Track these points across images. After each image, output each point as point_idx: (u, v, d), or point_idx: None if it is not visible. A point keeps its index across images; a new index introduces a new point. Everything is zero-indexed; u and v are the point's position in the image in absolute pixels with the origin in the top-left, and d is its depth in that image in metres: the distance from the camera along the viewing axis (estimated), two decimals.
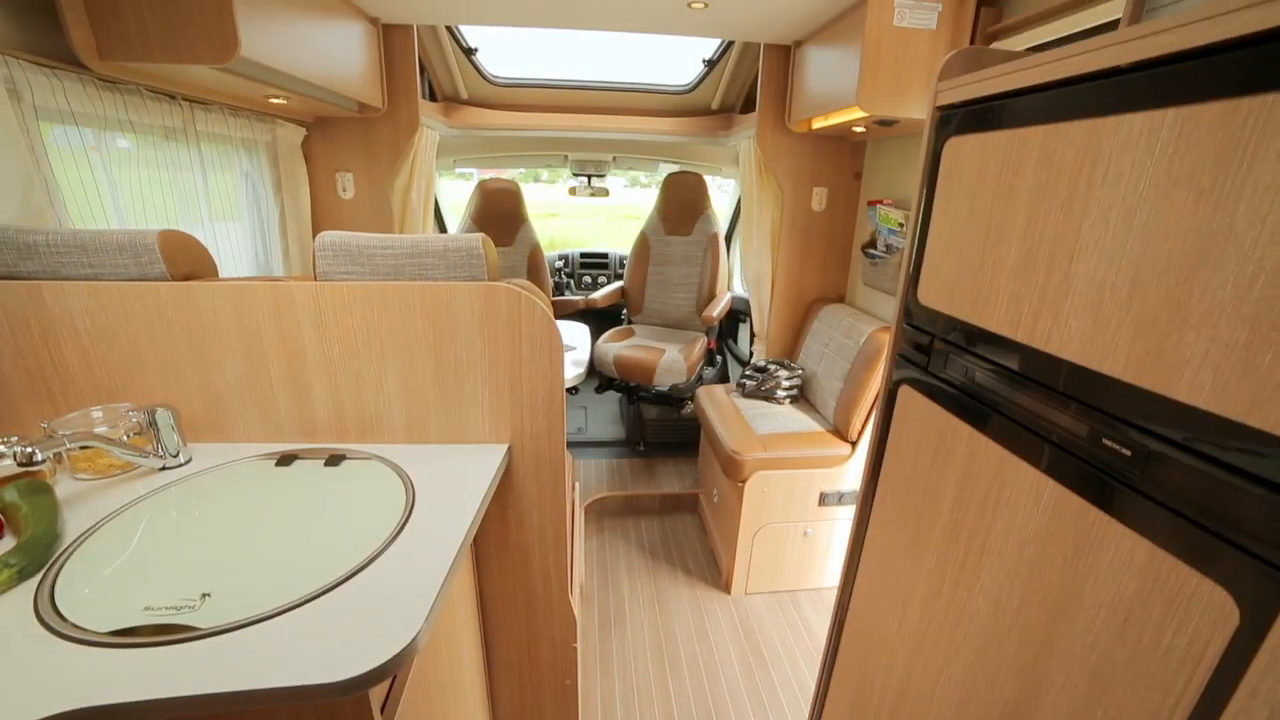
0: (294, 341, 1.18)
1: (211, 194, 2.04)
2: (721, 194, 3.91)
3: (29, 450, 0.90)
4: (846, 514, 2.37)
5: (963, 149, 0.89)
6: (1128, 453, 0.62)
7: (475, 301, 1.13)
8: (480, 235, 1.16)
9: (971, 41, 1.95)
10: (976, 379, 0.86)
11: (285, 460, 1.16)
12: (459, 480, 1.11)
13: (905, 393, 1.05)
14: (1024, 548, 0.77)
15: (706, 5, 2.08)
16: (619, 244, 4.24)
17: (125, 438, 1.14)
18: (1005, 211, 0.80)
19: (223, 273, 2.08)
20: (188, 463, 1.17)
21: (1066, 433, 0.70)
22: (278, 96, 1.99)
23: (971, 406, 0.88)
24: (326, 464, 1.15)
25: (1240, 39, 0.52)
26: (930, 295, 0.98)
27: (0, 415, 1.21)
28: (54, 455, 0.97)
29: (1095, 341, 0.66)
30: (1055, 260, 0.72)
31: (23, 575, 0.83)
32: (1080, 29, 1.62)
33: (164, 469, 1.14)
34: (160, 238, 1.15)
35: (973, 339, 0.87)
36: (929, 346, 0.98)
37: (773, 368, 2.64)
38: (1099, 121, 0.66)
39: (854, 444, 2.28)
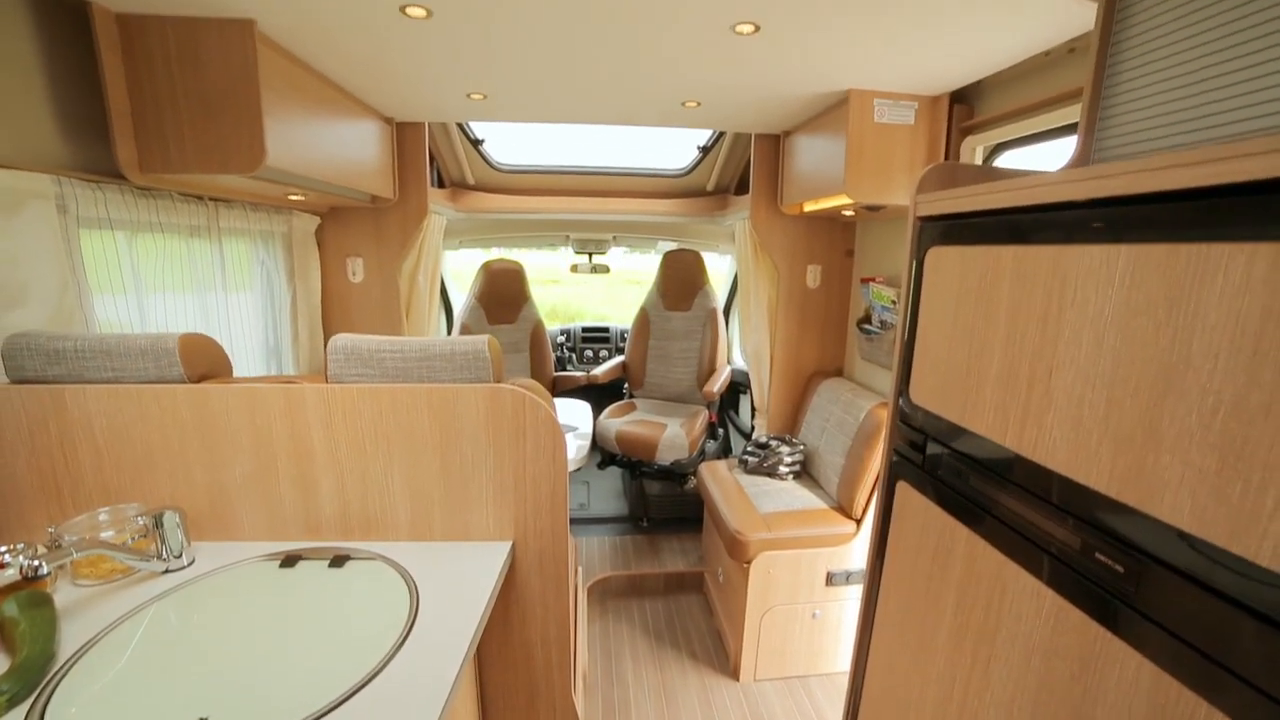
0: (303, 441, 1.20)
1: (229, 282, 2.13)
2: (719, 259, 4.03)
3: (35, 564, 0.91)
4: (855, 594, 2.32)
5: (944, 259, 0.95)
6: (1120, 569, 0.63)
7: (480, 402, 1.17)
8: (486, 338, 1.21)
9: (948, 134, 2.08)
10: (971, 482, 0.88)
11: (289, 561, 1.17)
12: (463, 582, 1.11)
13: (903, 489, 1.07)
14: (1030, 658, 0.77)
15: (700, 104, 2.23)
16: (619, 308, 4.34)
17: (131, 540, 1.15)
18: (986, 322, 0.85)
19: (233, 352, 2.14)
20: (191, 564, 1.17)
21: (1061, 543, 0.72)
22: (296, 194, 2.10)
23: (968, 508, 0.89)
24: (330, 565, 1.16)
25: (1176, 191, 0.58)
26: (921, 395, 1.01)
27: (8, 516, 1.22)
28: (58, 566, 0.98)
29: (1079, 454, 0.69)
30: (1035, 374, 0.75)
31: (13, 701, 0.82)
32: (1043, 129, 1.73)
33: (167, 572, 1.15)
34: (180, 342, 1.20)
35: (965, 442, 0.90)
36: (923, 445, 1.01)
37: (774, 443, 2.65)
38: (1063, 249, 0.71)
39: (859, 521, 2.26)
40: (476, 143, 3.06)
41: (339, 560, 1.17)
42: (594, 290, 10.03)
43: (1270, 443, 0.50)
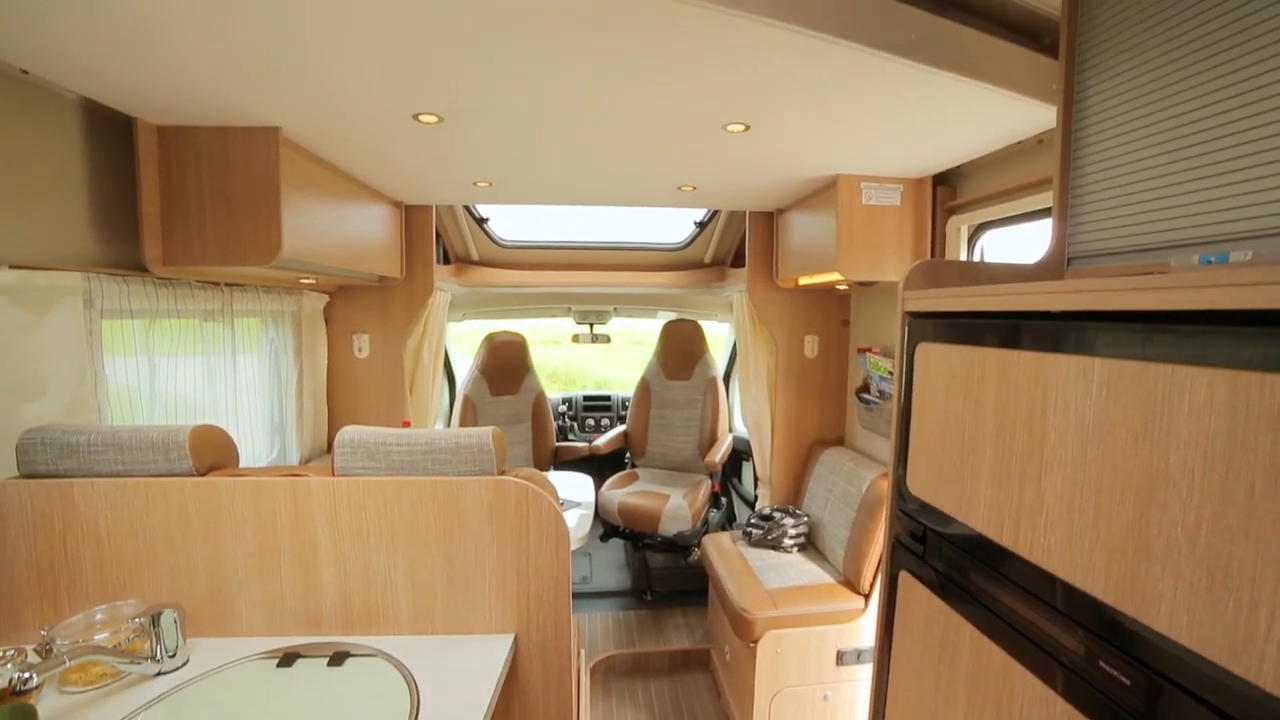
0: (307, 534, 1.21)
1: (238, 361, 2.17)
2: (718, 324, 4.09)
3: (25, 675, 0.89)
4: (867, 673, 2.24)
5: (933, 354, 0.99)
6: (1126, 680, 0.63)
7: (484, 495, 1.18)
8: (490, 430, 1.23)
9: (933, 214, 2.17)
10: (972, 577, 0.88)
11: (287, 660, 1.15)
12: (464, 679, 1.09)
13: (906, 579, 1.06)
14: None
15: (695, 188, 2.35)
16: (621, 369, 4.37)
17: (125, 640, 1.13)
18: (976, 420, 0.88)
19: (238, 425, 2.16)
20: (185, 664, 1.15)
21: (1066, 649, 0.71)
22: (308, 278, 2.18)
23: (971, 604, 0.89)
24: (329, 663, 1.14)
25: (1140, 312, 0.62)
26: (918, 485, 1.03)
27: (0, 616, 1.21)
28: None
29: (1074, 559, 0.70)
30: (1026, 474, 0.77)
31: None
32: (1022, 211, 1.82)
33: (159, 674, 1.12)
34: (191, 436, 1.23)
35: (962, 538, 0.91)
36: (923, 535, 1.01)
37: (778, 515, 2.63)
38: (1043, 356, 0.75)
39: (867, 596, 2.21)
40: (481, 221, 3.19)
41: (338, 658, 1.15)
42: (595, 351, 10.10)
43: (1254, 562, 0.52)
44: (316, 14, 1.02)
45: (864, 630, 2.21)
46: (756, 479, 3.07)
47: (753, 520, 2.69)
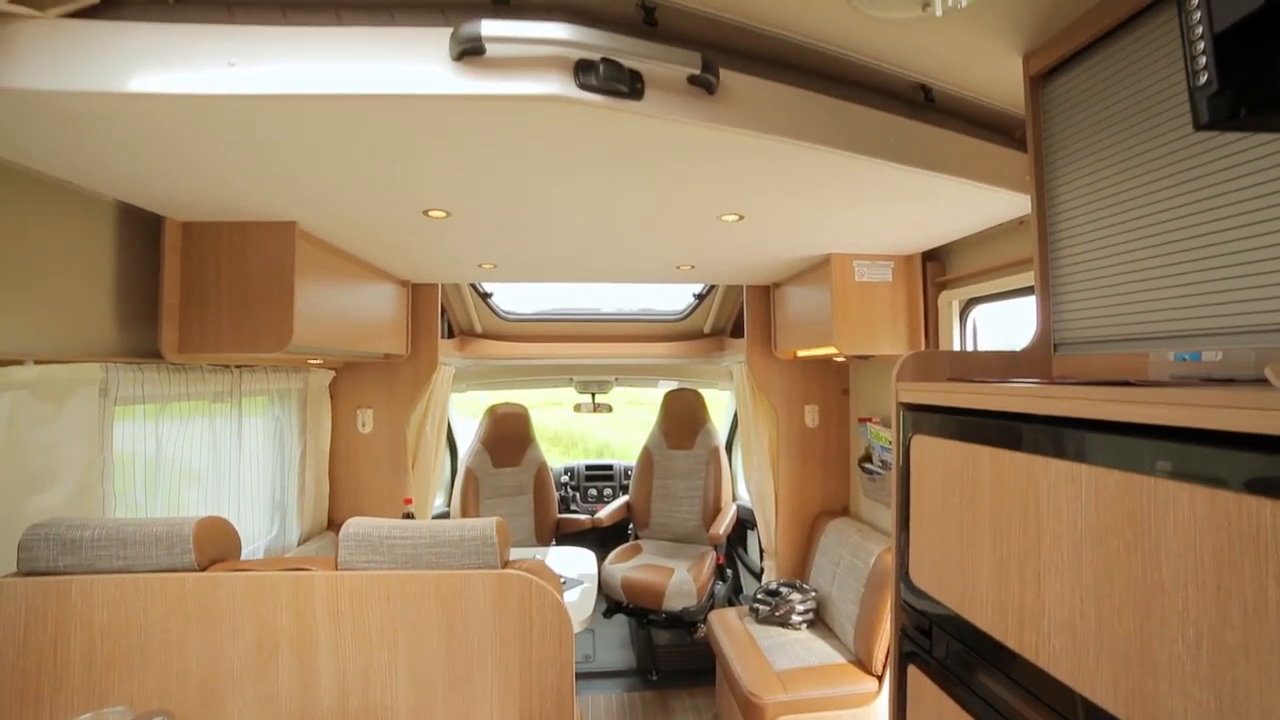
0: (308, 630, 1.19)
1: (244, 436, 2.19)
2: (719, 391, 4.12)
3: None
4: None
5: (928, 448, 1.01)
6: None
7: (488, 588, 1.18)
8: (494, 522, 1.24)
9: (924, 289, 2.24)
10: (981, 678, 0.87)
11: None
12: None
13: (915, 675, 1.04)
14: None
15: (694, 267, 2.43)
16: (622, 430, 4.37)
17: None
18: (973, 515, 0.89)
19: (239, 510, 2.15)
20: None
21: None
22: (316, 359, 2.23)
23: (981, 706, 0.88)
24: None
25: (1125, 424, 0.65)
26: (921, 578, 1.03)
27: None
28: None
29: (1081, 667, 0.70)
30: (1025, 575, 0.78)
31: None
32: (1010, 289, 1.88)
33: None
34: (196, 528, 1.23)
35: (968, 634, 0.90)
36: (929, 630, 1.00)
37: (785, 590, 2.57)
38: (1033, 458, 0.77)
39: (880, 678, 2.14)
40: (485, 296, 3.27)
41: None
42: (597, 416, 10.10)
43: (1259, 685, 0.52)
44: (337, 140, 1.11)
45: (879, 715, 2.12)
46: (762, 551, 3.02)
47: (759, 596, 2.63)
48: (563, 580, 2.46)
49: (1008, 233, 1.87)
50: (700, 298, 3.40)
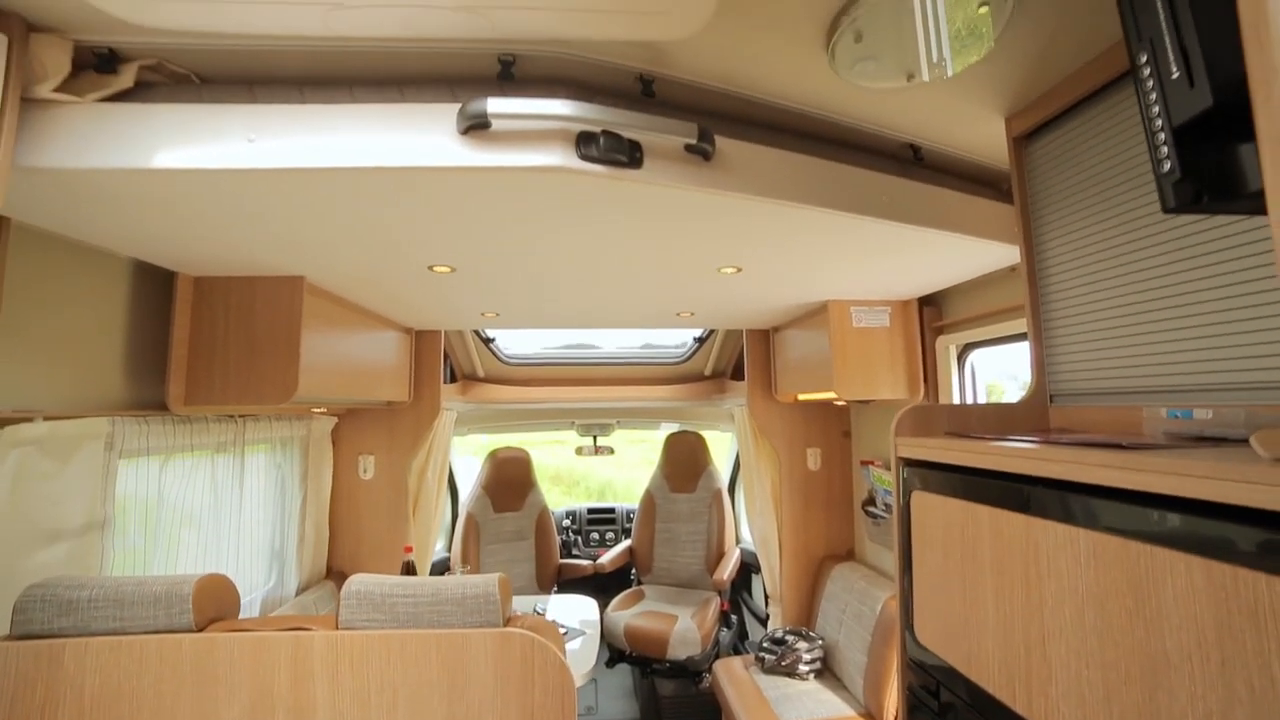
0: (305, 694, 1.17)
1: (245, 484, 2.18)
2: (721, 433, 4.11)
3: None
4: None
5: (927, 504, 1.01)
6: None
7: (490, 647, 1.16)
8: (497, 578, 1.23)
9: (922, 334, 2.27)
10: None
11: None
12: None
13: None
14: None
15: (693, 314, 2.47)
16: (624, 469, 4.34)
17: None
18: (975, 574, 0.89)
19: (238, 559, 2.12)
20: None
21: None
22: (319, 408, 2.24)
23: None
24: None
25: (1121, 490, 0.66)
26: (927, 636, 1.02)
27: None
28: None
29: None
30: (1030, 638, 0.78)
31: None
32: (1006, 334, 1.91)
33: None
34: (196, 587, 1.22)
35: (976, 696, 0.89)
36: (937, 690, 0.99)
37: (791, 639, 2.52)
38: (1031, 519, 0.78)
39: None
40: (488, 341, 3.31)
41: None
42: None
43: None
44: (348, 205, 1.15)
45: None
46: (767, 596, 2.97)
47: (765, 644, 2.58)
48: (564, 631, 2.41)
49: (1003, 279, 1.90)
50: (700, 341, 3.43)
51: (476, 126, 0.93)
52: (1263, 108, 0.51)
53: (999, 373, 2.34)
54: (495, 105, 0.90)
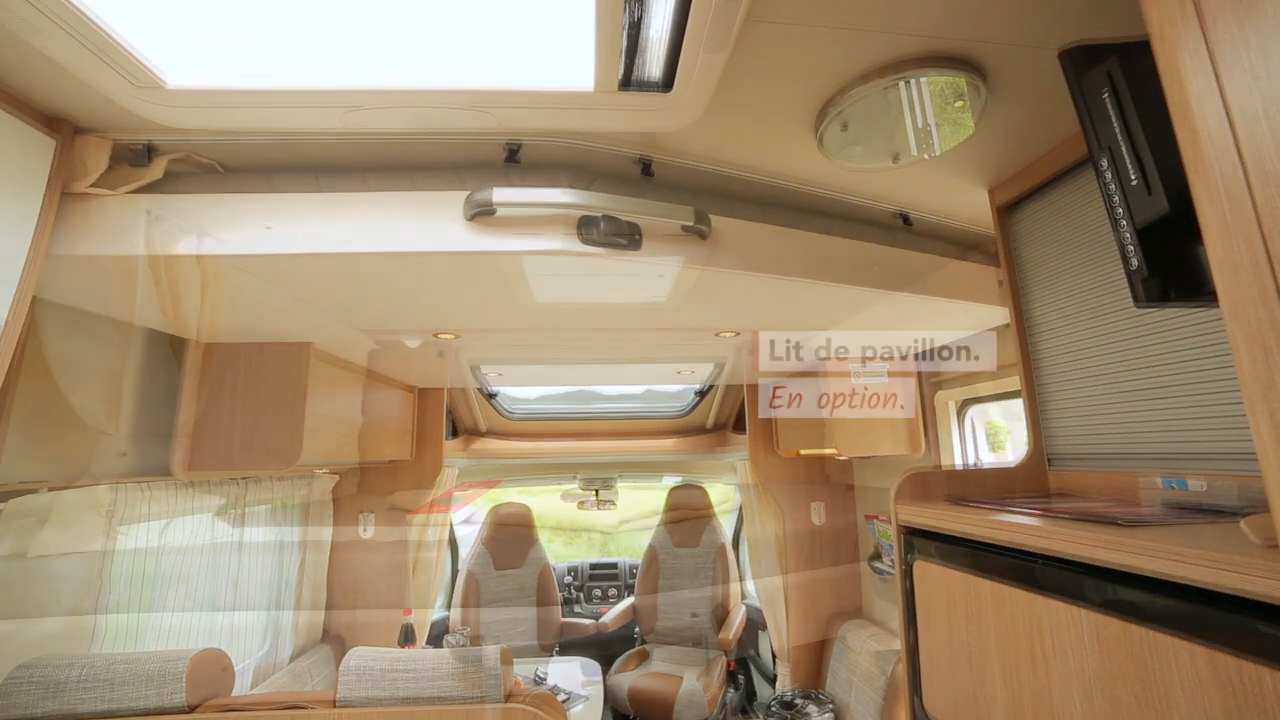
0: None
1: (243, 559, 2.16)
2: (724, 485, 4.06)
3: None
4: None
5: (930, 574, 1.01)
6: None
7: None
8: (498, 651, 1.22)
9: (920, 389, 2.29)
10: None
11: None
12: None
13: None
14: None
15: (694, 371, 2.50)
16: (623, 513, 4.26)
17: None
18: (980, 648, 0.88)
19: (233, 625, 2.08)
20: None
21: None
22: (321, 469, 2.25)
23: None
24: None
25: (1109, 569, 0.66)
26: (935, 708, 1.00)
27: None
28: None
29: None
30: (1040, 719, 0.77)
31: None
32: (1003, 391, 1.93)
33: None
34: (191, 665, 1.20)
35: None
36: None
37: (800, 702, 2.44)
38: (1033, 596, 0.78)
39: None
40: (490, 396, 3.33)
41: None
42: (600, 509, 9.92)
43: None
44: (358, 283, 1.20)
45: None
46: (774, 655, 2.89)
47: (774, 708, 2.49)
48: (565, 697, 2.34)
49: (999, 335, 1.93)
50: (701, 395, 3.44)
51: (482, 214, 0.98)
52: (1206, 213, 0.54)
53: (1001, 411, 2.33)
54: (500, 195, 0.96)
